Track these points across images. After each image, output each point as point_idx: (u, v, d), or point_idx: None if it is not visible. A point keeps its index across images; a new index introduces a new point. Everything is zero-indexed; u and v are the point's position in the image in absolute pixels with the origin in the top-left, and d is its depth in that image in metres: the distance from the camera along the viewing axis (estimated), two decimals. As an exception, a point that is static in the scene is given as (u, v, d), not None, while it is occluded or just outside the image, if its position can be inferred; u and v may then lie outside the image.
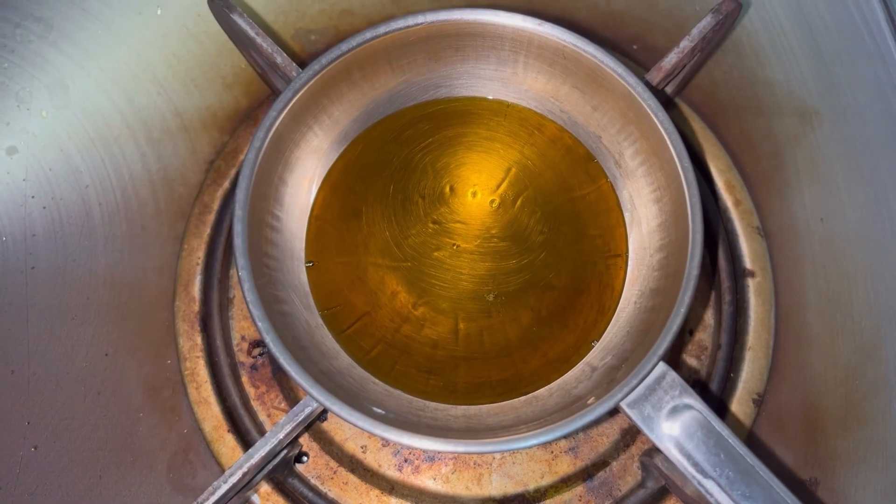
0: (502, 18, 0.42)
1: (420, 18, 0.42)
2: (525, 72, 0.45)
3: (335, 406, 0.36)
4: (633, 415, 0.37)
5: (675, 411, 0.37)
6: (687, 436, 0.37)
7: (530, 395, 0.42)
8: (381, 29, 0.41)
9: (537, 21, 0.41)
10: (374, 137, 0.47)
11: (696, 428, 0.37)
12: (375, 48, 0.42)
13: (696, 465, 0.36)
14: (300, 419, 0.39)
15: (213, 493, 0.38)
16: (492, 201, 0.46)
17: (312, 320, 0.43)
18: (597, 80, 0.42)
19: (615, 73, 0.41)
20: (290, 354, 0.37)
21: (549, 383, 0.42)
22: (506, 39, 0.43)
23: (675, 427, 0.37)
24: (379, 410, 0.39)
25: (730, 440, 0.36)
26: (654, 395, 0.37)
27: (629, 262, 0.44)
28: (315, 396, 0.36)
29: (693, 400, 0.37)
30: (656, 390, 0.37)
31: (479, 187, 0.46)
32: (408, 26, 0.42)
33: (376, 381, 0.42)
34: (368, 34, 0.41)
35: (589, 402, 0.37)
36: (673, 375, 0.37)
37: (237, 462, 0.38)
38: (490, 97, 0.47)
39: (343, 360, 0.43)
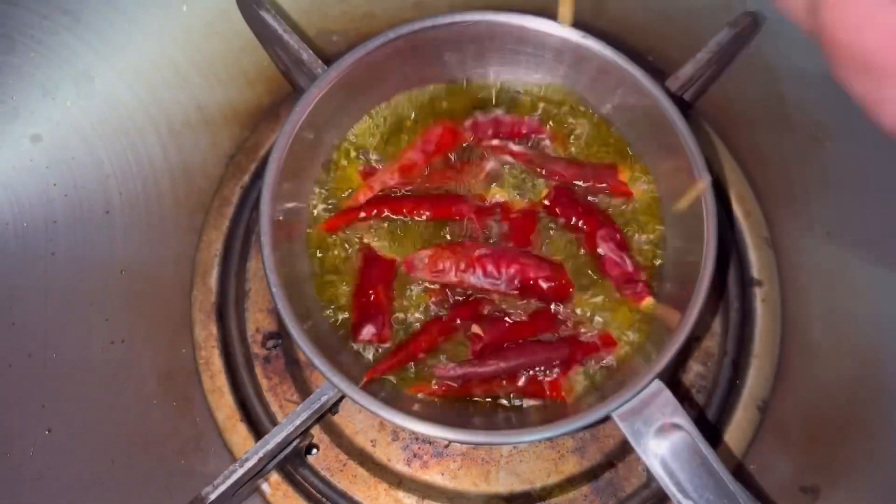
0: (546, 26, 0.43)
1: (458, 17, 0.43)
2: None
3: (354, 393, 0.37)
4: (624, 426, 0.37)
5: (664, 429, 0.37)
6: (673, 455, 0.37)
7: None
8: (441, 20, 0.43)
9: (581, 33, 0.43)
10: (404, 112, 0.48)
11: (683, 448, 0.37)
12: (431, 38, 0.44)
13: (678, 484, 0.37)
14: (316, 408, 0.39)
15: (228, 478, 0.38)
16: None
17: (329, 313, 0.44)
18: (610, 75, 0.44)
19: (645, 86, 0.42)
20: (308, 339, 0.38)
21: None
22: (548, 47, 0.44)
23: (663, 445, 0.37)
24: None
25: (714, 464, 0.37)
26: (647, 409, 0.38)
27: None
28: (334, 382, 0.37)
29: (683, 420, 0.37)
30: (649, 405, 0.38)
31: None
32: (461, 22, 0.43)
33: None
34: (429, 22, 0.43)
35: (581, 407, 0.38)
36: (667, 394, 0.38)
37: (253, 447, 0.39)
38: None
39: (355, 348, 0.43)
